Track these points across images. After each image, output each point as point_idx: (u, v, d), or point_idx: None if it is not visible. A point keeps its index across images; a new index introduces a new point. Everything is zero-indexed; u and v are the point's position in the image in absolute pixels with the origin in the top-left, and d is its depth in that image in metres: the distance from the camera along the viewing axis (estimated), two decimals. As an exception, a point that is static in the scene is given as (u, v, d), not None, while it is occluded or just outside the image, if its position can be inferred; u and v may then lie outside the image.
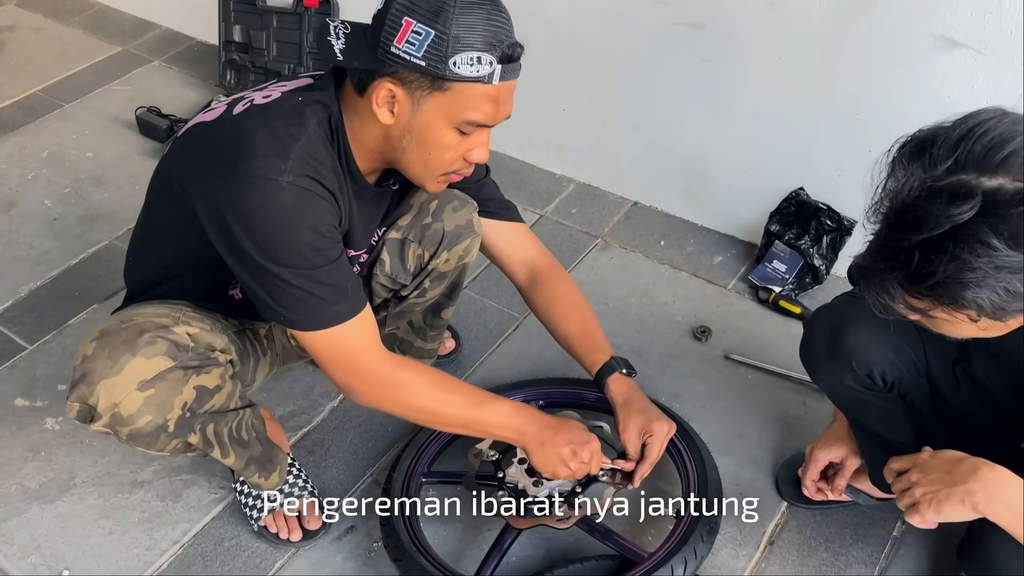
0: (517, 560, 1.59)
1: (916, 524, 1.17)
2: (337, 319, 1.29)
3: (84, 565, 1.60)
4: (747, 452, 1.76)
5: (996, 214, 0.89)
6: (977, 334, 1.05)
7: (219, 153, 1.23)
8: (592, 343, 1.57)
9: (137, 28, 3.27)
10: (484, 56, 1.17)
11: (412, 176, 1.34)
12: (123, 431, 1.30)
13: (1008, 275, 0.91)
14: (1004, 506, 1.06)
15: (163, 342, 1.29)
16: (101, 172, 2.57)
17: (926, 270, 0.93)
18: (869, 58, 1.79)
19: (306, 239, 1.23)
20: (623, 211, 2.36)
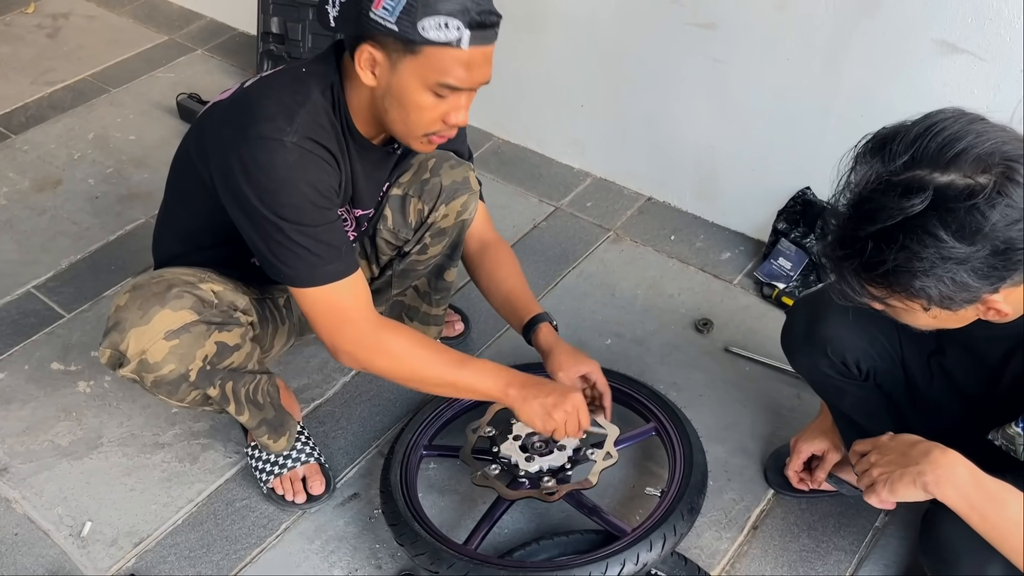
0: (509, 532, 1.67)
1: (874, 504, 1.22)
2: (331, 277, 1.38)
3: (105, 518, 1.72)
4: (739, 441, 1.81)
5: (946, 208, 0.95)
6: (935, 324, 1.10)
7: (231, 121, 1.35)
8: (526, 302, 1.70)
9: (184, 18, 3.41)
10: (452, 21, 1.24)
11: (397, 136, 1.43)
12: (148, 377, 1.41)
13: (954, 266, 0.96)
14: (951, 487, 1.11)
15: (190, 297, 1.40)
16: (142, 154, 2.70)
17: (877, 259, 0.98)
18: (873, 62, 1.83)
19: (308, 196, 1.32)
20: (637, 206, 2.42)
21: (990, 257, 0.95)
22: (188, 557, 1.65)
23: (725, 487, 1.73)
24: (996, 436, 1.21)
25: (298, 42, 2.83)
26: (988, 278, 0.97)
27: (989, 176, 0.94)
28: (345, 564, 1.64)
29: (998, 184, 0.93)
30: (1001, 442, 1.20)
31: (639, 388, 1.77)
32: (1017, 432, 1.16)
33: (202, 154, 1.41)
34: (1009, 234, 0.94)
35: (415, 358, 1.45)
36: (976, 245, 0.94)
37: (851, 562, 1.61)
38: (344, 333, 1.42)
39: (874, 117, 1.89)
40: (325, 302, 1.40)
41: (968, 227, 0.94)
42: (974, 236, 0.94)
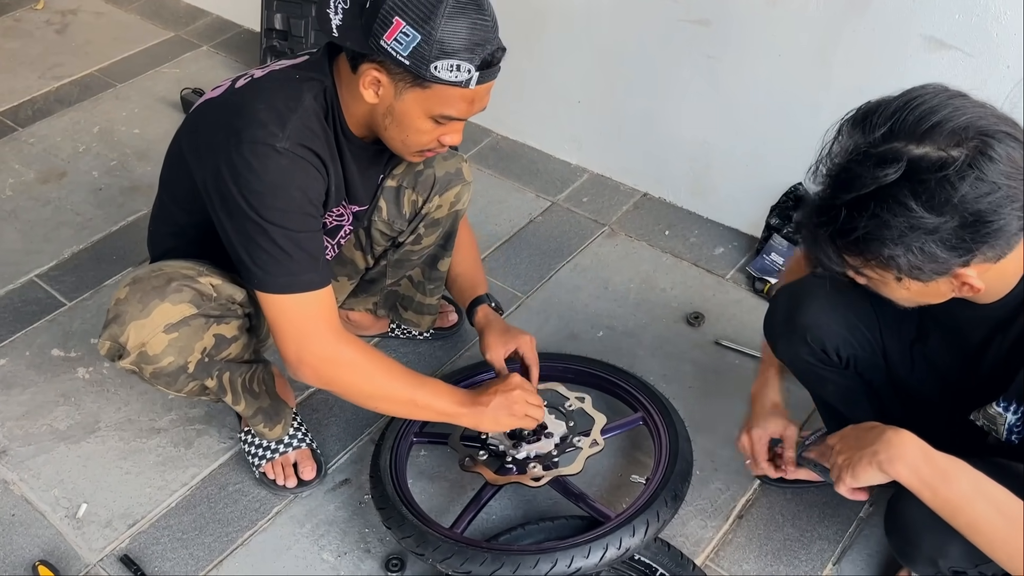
0: (497, 518, 1.69)
1: (844, 493, 1.24)
2: (304, 287, 1.38)
3: (101, 500, 1.75)
4: (727, 431, 1.82)
5: (918, 179, 0.97)
6: (910, 297, 1.11)
7: (223, 123, 1.36)
8: (476, 280, 1.78)
9: (190, 15, 3.45)
10: (464, 64, 1.27)
11: (392, 149, 1.46)
12: (147, 369, 1.44)
13: (923, 236, 0.99)
14: (903, 464, 1.13)
15: (189, 290, 1.42)
16: (145, 147, 2.74)
17: (849, 226, 1.01)
18: (863, 58, 1.85)
19: (296, 200, 1.34)
20: (632, 201, 2.44)
21: (959, 229, 0.97)
22: (180, 539, 1.68)
23: (712, 477, 1.75)
24: (978, 416, 1.23)
25: (301, 38, 2.87)
26: (956, 250, 0.99)
27: (962, 149, 0.96)
28: (335, 547, 1.66)
29: (970, 157, 0.96)
30: (983, 422, 1.22)
31: (627, 378, 1.79)
32: (998, 412, 1.18)
33: (195, 153, 1.42)
34: (978, 207, 0.96)
35: (376, 376, 1.45)
36: (945, 216, 0.97)
37: (834, 551, 1.62)
38: (309, 346, 1.40)
39: (864, 112, 1.93)
40: (295, 311, 1.38)
41: (937, 198, 0.96)
42: (943, 207, 0.96)
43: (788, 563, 1.61)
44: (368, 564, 1.64)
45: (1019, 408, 1.16)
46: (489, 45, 1.30)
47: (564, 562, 1.42)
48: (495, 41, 1.32)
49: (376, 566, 1.63)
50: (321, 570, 1.63)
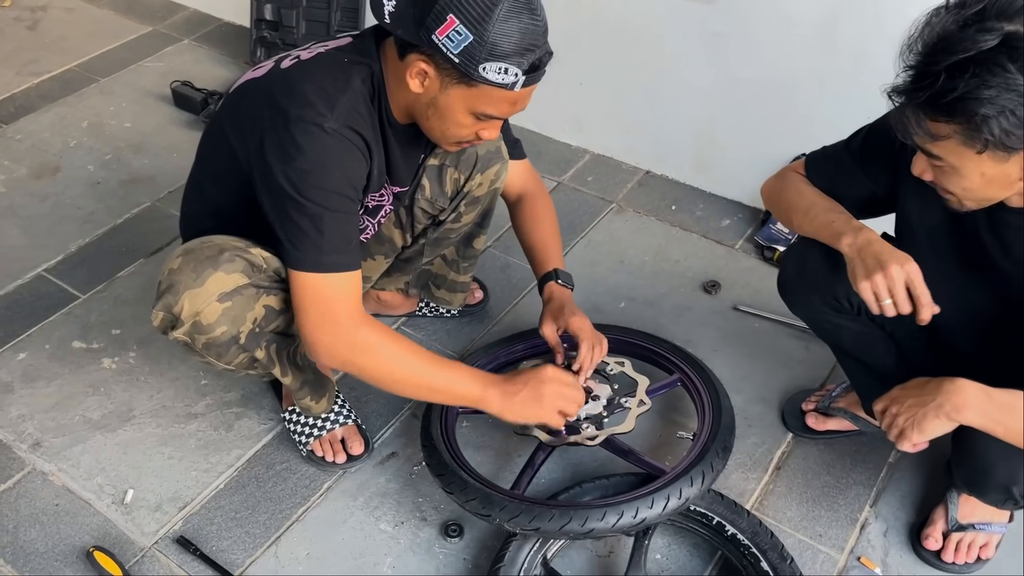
0: (546, 481, 1.74)
1: (908, 450, 1.31)
2: (332, 267, 1.38)
3: (147, 485, 1.74)
4: (755, 391, 1.91)
5: (1012, 46, 1.06)
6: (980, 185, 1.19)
7: (271, 103, 1.37)
8: (548, 255, 1.75)
9: (166, 10, 3.41)
10: (512, 68, 1.30)
11: (431, 138, 1.49)
12: (200, 339, 1.44)
13: (1016, 98, 1.07)
14: (970, 409, 1.22)
15: (240, 260, 1.43)
16: (140, 140, 2.70)
17: (949, 87, 1.09)
18: (868, 29, 1.95)
19: (336, 181, 1.36)
20: (636, 179, 2.52)
21: None
22: (235, 518, 1.68)
23: (747, 433, 1.82)
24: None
25: (292, 28, 2.87)
26: None
27: None
28: (391, 518, 1.69)
29: None
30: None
31: (660, 343, 1.85)
32: None
33: (239, 131, 1.43)
34: None
35: (394, 358, 1.44)
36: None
37: (870, 495, 1.71)
38: (327, 326, 1.40)
39: (869, 83, 2.02)
40: (320, 291, 1.39)
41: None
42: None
43: (828, 508, 1.69)
44: (426, 532, 1.67)
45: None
46: (538, 50, 1.33)
47: (630, 514, 1.47)
48: (544, 46, 1.34)
49: (434, 533, 1.66)
50: (380, 540, 1.65)
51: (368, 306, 2.04)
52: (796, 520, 1.67)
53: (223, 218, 1.57)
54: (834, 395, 1.81)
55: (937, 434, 1.26)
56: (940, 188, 1.26)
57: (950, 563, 1.57)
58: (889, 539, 1.64)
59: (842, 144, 1.53)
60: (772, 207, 1.64)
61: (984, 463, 1.29)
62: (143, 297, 2.15)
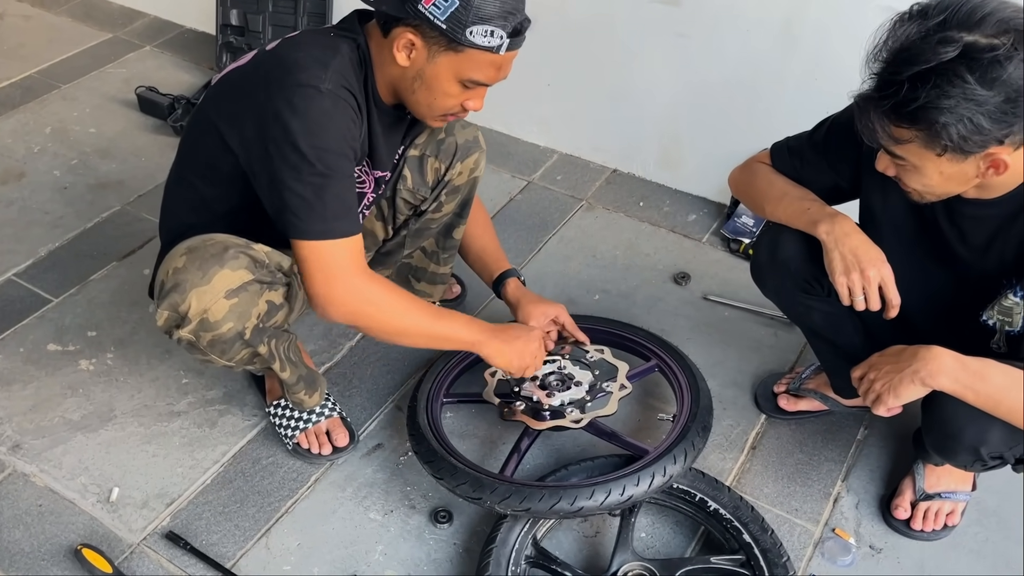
0: (531, 467, 1.78)
1: (883, 414, 1.39)
2: (336, 233, 1.42)
3: (132, 483, 1.74)
4: (728, 375, 1.98)
5: (972, 57, 1.14)
6: (939, 182, 1.27)
7: (262, 78, 1.40)
8: (496, 259, 1.87)
9: (125, 16, 3.38)
10: (497, 31, 1.36)
11: (417, 113, 1.54)
12: (206, 336, 1.45)
13: (974, 107, 1.15)
14: (943, 375, 1.30)
15: (244, 257, 1.45)
16: (106, 145, 2.68)
17: (911, 96, 1.16)
18: (825, 29, 2.05)
19: (335, 143, 1.39)
20: (604, 177, 2.58)
21: (1003, 103, 1.14)
22: (223, 512, 1.69)
23: (722, 415, 1.89)
24: (991, 315, 1.40)
25: (258, 34, 2.88)
26: (999, 123, 1.15)
27: (1008, 36, 1.13)
28: (380, 507, 1.71)
29: (1015, 43, 1.13)
30: (996, 319, 1.40)
31: (636, 331, 1.91)
32: (1016, 302, 1.35)
33: (230, 117, 1.45)
34: (1021, 84, 1.13)
35: (400, 310, 1.51)
36: (994, 91, 1.13)
37: (841, 470, 1.79)
38: (337, 287, 1.44)
39: (827, 81, 2.13)
40: (324, 256, 1.42)
41: (989, 74, 1.13)
42: (993, 83, 1.13)
43: (802, 484, 1.76)
44: (415, 519, 1.69)
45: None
46: (519, 14, 1.40)
47: (617, 491, 1.52)
48: (523, 11, 1.42)
49: (423, 520, 1.69)
50: (370, 529, 1.67)
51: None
52: (772, 496, 1.74)
53: (209, 213, 1.58)
54: (804, 377, 1.88)
55: (911, 399, 1.34)
56: (902, 183, 1.34)
57: (919, 531, 1.65)
58: (861, 511, 1.71)
59: (806, 136, 1.61)
60: (742, 196, 1.71)
61: (954, 427, 1.37)
62: (118, 300, 2.14)
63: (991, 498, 1.72)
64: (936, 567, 1.62)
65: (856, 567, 1.62)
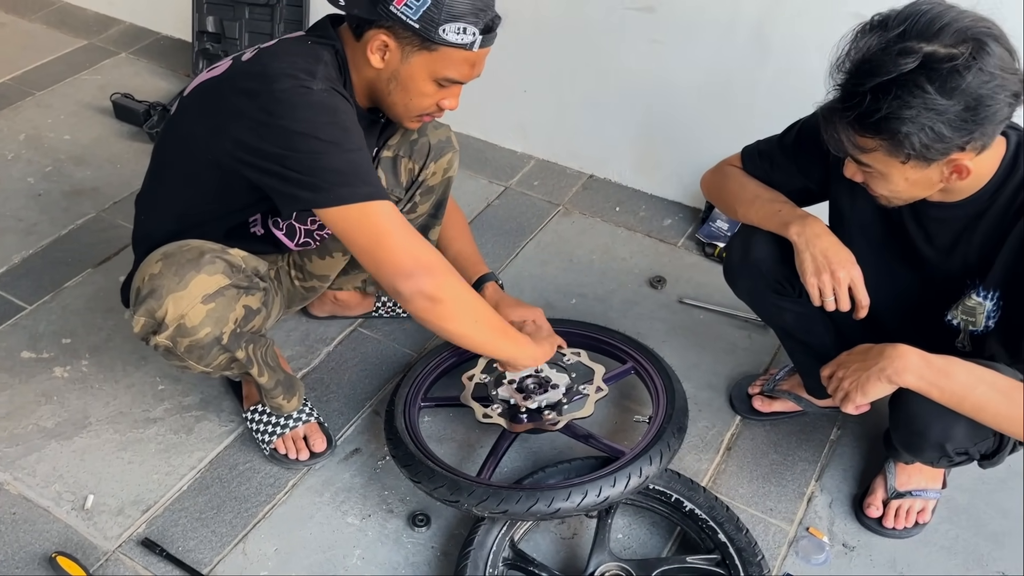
0: (509, 470, 1.79)
1: (851, 411, 1.42)
2: (382, 195, 1.38)
3: (107, 490, 1.73)
4: (703, 378, 2.00)
5: (931, 68, 1.16)
6: (904, 188, 1.30)
7: (247, 87, 1.39)
8: (473, 263, 1.87)
9: (100, 24, 3.37)
10: (470, 28, 1.39)
11: (393, 115, 1.55)
12: (183, 342, 1.45)
13: (935, 116, 1.17)
14: (909, 373, 1.32)
15: (221, 262, 1.45)
16: (80, 152, 2.67)
17: (874, 107, 1.19)
18: (797, 35, 2.08)
19: (343, 121, 1.38)
20: (580, 183, 2.60)
21: (963, 112, 1.17)
22: (200, 518, 1.68)
23: (697, 417, 1.90)
24: (955, 315, 1.43)
25: (235, 40, 2.87)
26: (960, 131, 1.18)
27: (966, 46, 1.16)
28: (357, 511, 1.71)
29: (973, 52, 1.15)
30: (960, 319, 1.42)
31: (612, 334, 1.92)
32: (978, 302, 1.38)
33: (212, 125, 1.43)
34: (980, 92, 1.16)
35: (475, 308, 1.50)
36: (953, 100, 1.16)
37: (815, 470, 1.81)
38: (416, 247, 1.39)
39: (798, 88, 2.15)
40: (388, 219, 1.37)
41: (948, 84, 1.16)
42: (952, 92, 1.16)
43: (777, 484, 1.78)
44: (393, 523, 1.69)
45: (995, 293, 1.37)
46: (490, 11, 1.42)
47: (594, 493, 1.52)
48: (494, 7, 1.44)
49: (401, 524, 1.69)
50: (348, 533, 1.67)
51: (324, 307, 2.07)
52: (748, 496, 1.76)
53: (190, 222, 1.57)
54: (778, 378, 1.91)
55: (878, 396, 1.36)
56: (870, 189, 1.37)
57: (891, 528, 1.68)
58: (834, 510, 1.73)
59: (776, 139, 1.63)
60: (714, 199, 1.73)
61: (920, 424, 1.39)
62: (93, 306, 2.13)
63: (961, 495, 1.75)
64: (908, 564, 1.64)
65: (830, 565, 1.64)
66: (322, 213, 1.37)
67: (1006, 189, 1.33)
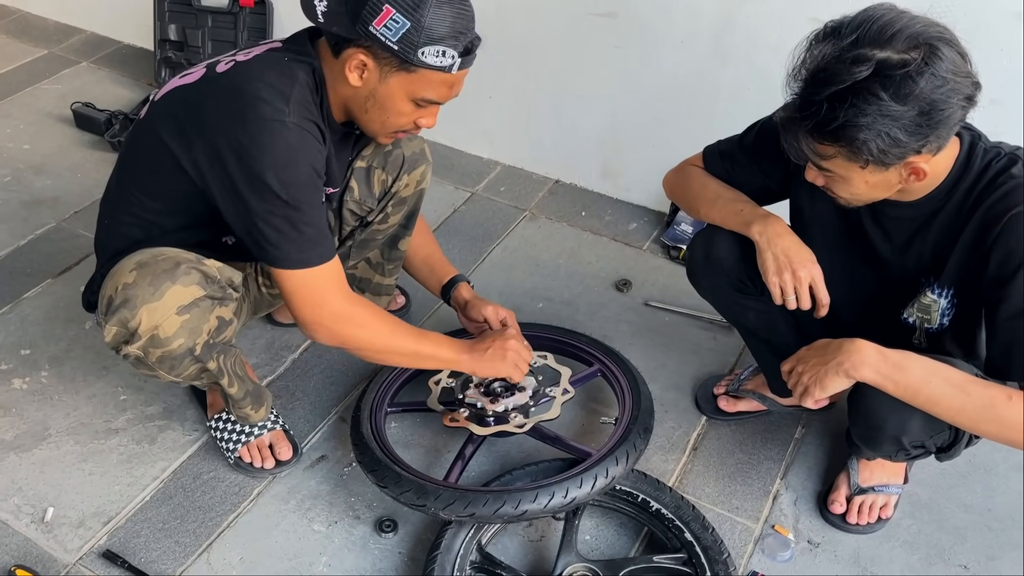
0: (476, 473, 1.78)
1: (810, 405, 1.43)
2: (318, 260, 1.45)
3: (68, 502, 1.70)
4: (669, 379, 2.01)
5: (885, 75, 1.18)
6: (865, 190, 1.33)
7: (220, 107, 1.38)
8: (443, 266, 1.91)
9: (61, 33, 3.33)
10: (448, 51, 1.37)
11: (368, 131, 1.54)
12: (155, 353, 1.43)
13: (891, 123, 1.19)
14: (865, 367, 1.34)
15: (196, 272, 1.43)
16: (40, 162, 2.63)
17: (831, 116, 1.21)
18: (756, 39, 2.11)
19: (306, 175, 1.40)
20: (547, 188, 2.61)
21: (918, 117, 1.19)
22: (162, 529, 1.66)
23: (664, 418, 1.91)
24: (911, 313, 1.45)
25: (198, 48, 2.86)
26: (915, 135, 1.20)
27: (919, 51, 1.18)
28: (324, 518, 1.70)
29: (925, 58, 1.18)
30: (916, 317, 1.45)
31: (578, 337, 1.93)
32: (933, 299, 1.40)
33: (182, 137, 1.42)
34: (933, 97, 1.18)
35: (385, 332, 1.55)
36: (908, 105, 1.18)
37: (780, 469, 1.83)
38: (324, 311, 1.48)
39: (758, 89, 2.19)
40: (309, 283, 1.45)
41: (902, 90, 1.18)
42: (906, 98, 1.18)
43: (743, 482, 1.79)
44: (360, 529, 1.68)
45: (949, 291, 1.40)
46: (470, 33, 1.41)
47: (560, 494, 1.53)
48: (473, 30, 1.43)
49: (368, 530, 1.68)
50: (314, 540, 1.66)
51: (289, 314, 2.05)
52: (714, 496, 1.77)
53: (160, 228, 1.55)
54: (743, 378, 1.92)
55: (837, 390, 1.38)
56: (831, 192, 1.39)
57: (854, 524, 1.69)
58: (799, 507, 1.75)
59: (736, 139, 1.65)
60: (677, 198, 1.75)
61: (877, 418, 1.41)
62: (53, 317, 2.10)
63: (923, 491, 1.77)
64: (871, 559, 1.66)
65: (795, 562, 1.65)
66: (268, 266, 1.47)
67: (960, 188, 1.35)
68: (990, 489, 1.78)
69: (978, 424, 1.28)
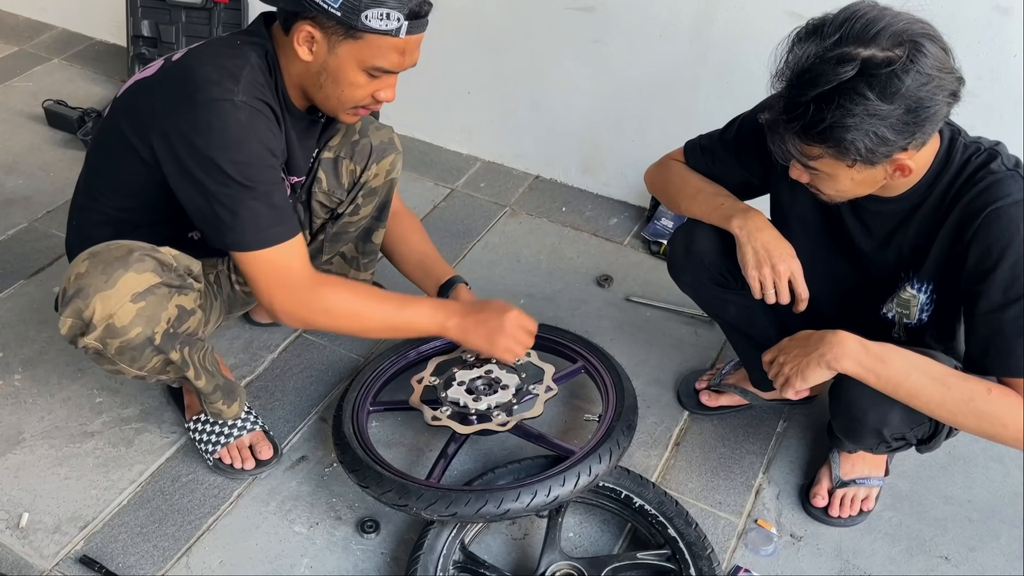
0: (459, 472, 1.77)
1: (791, 396, 1.43)
2: (276, 239, 1.42)
3: (43, 507, 1.67)
4: (651, 374, 2.01)
5: (870, 74, 1.17)
6: (851, 187, 1.32)
7: (171, 91, 1.37)
8: (441, 266, 1.86)
9: (32, 29, 3.28)
10: (393, 12, 1.36)
11: (327, 109, 1.52)
12: (113, 343, 1.40)
13: (878, 122, 1.19)
14: (847, 358, 1.34)
15: (151, 260, 1.41)
16: (11, 161, 2.59)
17: (818, 118, 1.20)
18: (735, 33, 2.10)
19: (259, 154, 1.38)
20: (527, 183, 2.60)
21: (904, 115, 1.18)
22: (140, 533, 1.64)
23: (646, 413, 1.91)
24: (890, 308, 1.45)
25: (172, 44, 2.81)
26: (902, 133, 1.20)
27: (903, 49, 1.17)
28: (305, 519, 1.68)
29: (910, 55, 1.17)
30: (896, 312, 1.45)
31: (562, 334, 1.92)
32: (912, 295, 1.41)
33: (140, 129, 1.42)
34: (919, 94, 1.18)
35: (355, 309, 1.52)
36: (894, 104, 1.17)
37: (762, 463, 1.83)
38: (285, 294, 1.45)
39: (737, 84, 2.19)
40: (268, 264, 1.43)
41: (888, 89, 1.17)
42: (893, 96, 1.17)
43: (725, 477, 1.79)
44: (342, 530, 1.67)
45: (928, 286, 1.40)
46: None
47: (543, 493, 1.52)
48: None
49: (350, 531, 1.66)
50: (295, 542, 1.64)
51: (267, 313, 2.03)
52: (697, 490, 1.77)
53: (128, 225, 1.54)
54: (724, 373, 1.92)
55: (818, 381, 1.38)
56: (816, 189, 1.38)
57: (836, 517, 1.70)
58: (782, 501, 1.75)
59: (717, 134, 1.65)
60: (658, 193, 1.74)
61: (858, 411, 1.42)
62: (25, 319, 2.06)
63: (904, 483, 1.78)
64: (853, 551, 1.66)
65: (778, 556, 1.65)
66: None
67: (939, 183, 1.35)
68: (970, 480, 1.79)
69: (957, 417, 1.29)
